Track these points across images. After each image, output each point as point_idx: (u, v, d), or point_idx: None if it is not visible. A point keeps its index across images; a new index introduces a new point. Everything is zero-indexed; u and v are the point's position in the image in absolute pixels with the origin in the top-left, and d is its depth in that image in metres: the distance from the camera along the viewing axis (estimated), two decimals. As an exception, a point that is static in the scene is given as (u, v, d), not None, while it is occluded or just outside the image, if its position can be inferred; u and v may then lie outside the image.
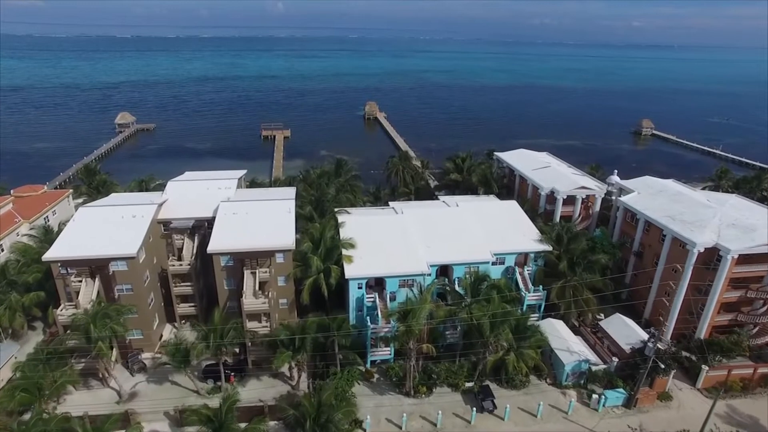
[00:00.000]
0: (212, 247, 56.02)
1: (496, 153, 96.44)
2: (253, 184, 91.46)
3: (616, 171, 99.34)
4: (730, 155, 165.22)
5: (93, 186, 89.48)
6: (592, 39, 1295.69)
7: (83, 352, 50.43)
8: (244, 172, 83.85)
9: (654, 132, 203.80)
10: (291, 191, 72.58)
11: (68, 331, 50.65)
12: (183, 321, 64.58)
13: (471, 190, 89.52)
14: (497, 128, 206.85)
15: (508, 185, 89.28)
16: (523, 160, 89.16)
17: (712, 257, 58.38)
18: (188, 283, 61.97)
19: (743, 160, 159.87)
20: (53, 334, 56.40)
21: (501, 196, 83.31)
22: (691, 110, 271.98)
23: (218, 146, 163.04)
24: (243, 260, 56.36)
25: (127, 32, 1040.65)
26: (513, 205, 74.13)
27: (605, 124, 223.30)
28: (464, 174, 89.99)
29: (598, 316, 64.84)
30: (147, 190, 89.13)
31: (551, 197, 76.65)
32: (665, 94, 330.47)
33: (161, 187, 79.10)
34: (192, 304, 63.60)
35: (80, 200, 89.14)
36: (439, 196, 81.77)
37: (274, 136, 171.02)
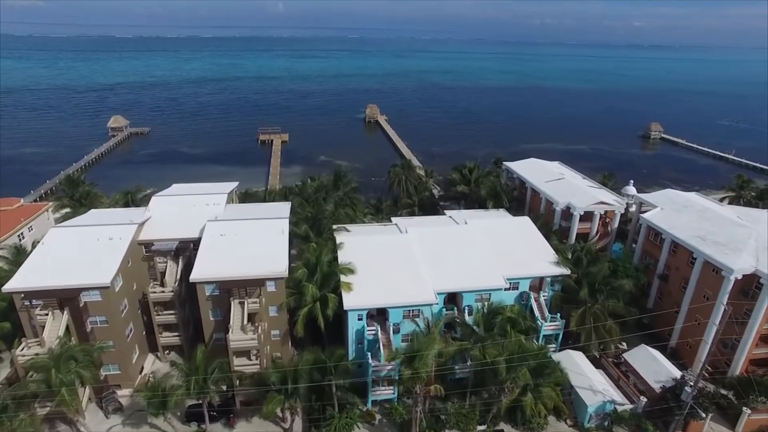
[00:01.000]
0: (196, 274, 50.36)
1: (505, 163, 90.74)
2: (246, 196, 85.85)
3: (632, 182, 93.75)
4: (743, 160, 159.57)
5: (75, 198, 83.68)
6: (593, 39, 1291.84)
7: (47, 396, 44.75)
8: (235, 184, 78.24)
9: (663, 135, 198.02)
10: (285, 207, 66.90)
11: (30, 374, 44.93)
12: (166, 351, 59.00)
13: (479, 202, 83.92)
14: (501, 132, 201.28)
15: (518, 198, 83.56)
16: (535, 171, 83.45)
17: (750, 284, 52.74)
18: (171, 312, 56.33)
19: (758, 165, 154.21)
20: (17, 371, 50.73)
21: (511, 210, 77.74)
22: (699, 112, 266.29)
23: (214, 151, 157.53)
24: (230, 289, 50.72)
25: (128, 32, 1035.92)
26: (526, 221, 68.44)
27: (612, 127, 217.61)
28: (471, 185, 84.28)
29: (620, 344, 59.22)
30: (133, 202, 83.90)
31: (567, 213, 70.95)
32: (671, 96, 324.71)
33: (148, 199, 73.75)
34: (176, 334, 57.99)
35: (62, 213, 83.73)
36: (445, 211, 76.07)
37: (272, 141, 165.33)
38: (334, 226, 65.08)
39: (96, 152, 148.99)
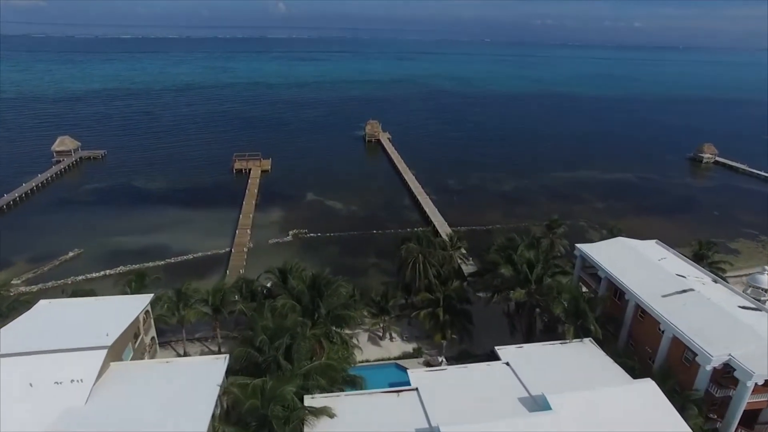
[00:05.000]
0: None
1: (580, 247, 59.42)
2: (180, 296, 54.91)
3: (766, 269, 62.20)
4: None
5: None
6: (595, 40, 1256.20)
7: None
8: (147, 301, 47.02)
9: (717, 159, 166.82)
10: (215, 378, 35.91)
11: None
12: None
13: (541, 309, 53.34)
14: (523, 153, 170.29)
15: (608, 313, 52.26)
16: (632, 267, 52.36)
17: None
18: None
19: None
20: None
21: (601, 341, 46.96)
22: (738, 124, 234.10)
23: (176, 185, 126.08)
24: None
25: (126, 32, 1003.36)
26: (651, 392, 37.60)
27: (652, 146, 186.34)
28: (531, 287, 53.16)
29: None
30: (-3, 311, 53.25)
31: (723, 374, 40.02)
32: (700, 105, 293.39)
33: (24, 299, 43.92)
34: None
35: None
36: (498, 349, 45.23)
37: (249, 170, 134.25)
38: (306, 403, 34.61)
39: (26, 187, 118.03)
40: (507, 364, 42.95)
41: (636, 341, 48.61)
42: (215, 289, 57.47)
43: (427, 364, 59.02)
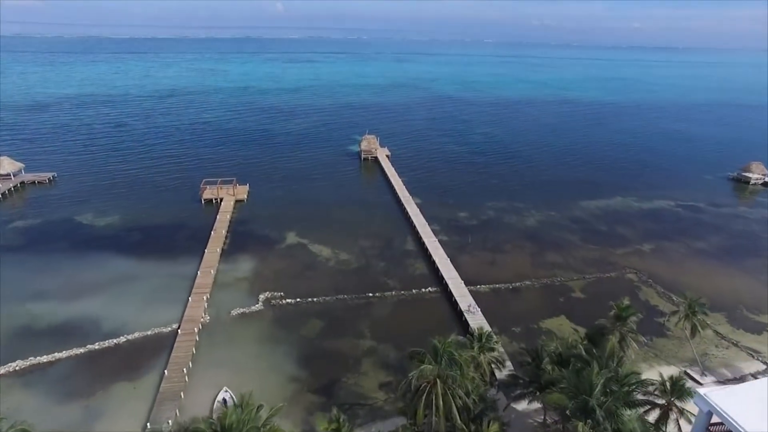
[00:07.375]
0: None
1: (704, 395, 35.94)
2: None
3: None
4: None
5: None
6: (596, 41, 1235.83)
7: None
8: None
9: (767, 180, 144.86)
10: None
11: None
12: None
13: None
14: (543, 172, 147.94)
15: None
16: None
17: None
18: None
19: None
20: None
21: None
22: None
23: (129, 221, 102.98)
24: None
25: (120, 32, 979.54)
26: None
27: (685, 163, 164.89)
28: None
29: None
30: None
31: None
32: (728, 110, 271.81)
33: None
34: None
35: None
36: None
37: (221, 200, 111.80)
38: None
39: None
40: None
41: None
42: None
43: None
